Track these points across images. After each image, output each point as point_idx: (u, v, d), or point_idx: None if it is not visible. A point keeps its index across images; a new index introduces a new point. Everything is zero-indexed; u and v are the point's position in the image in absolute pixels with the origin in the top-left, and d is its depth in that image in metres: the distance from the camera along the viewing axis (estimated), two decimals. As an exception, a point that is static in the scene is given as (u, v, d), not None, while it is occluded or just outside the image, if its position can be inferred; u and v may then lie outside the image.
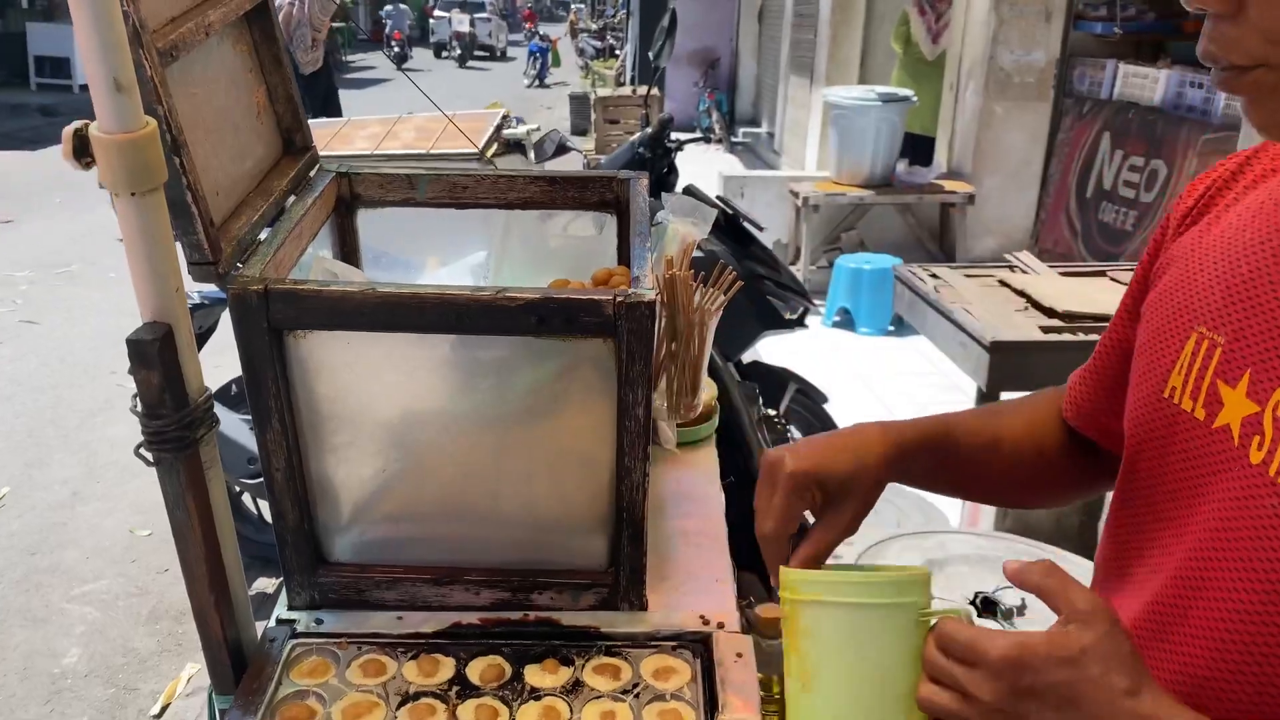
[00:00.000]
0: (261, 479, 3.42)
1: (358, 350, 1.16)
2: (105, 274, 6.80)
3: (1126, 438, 0.94)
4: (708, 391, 1.59)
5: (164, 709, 3.00)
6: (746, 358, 3.34)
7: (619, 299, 1.11)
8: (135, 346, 1.01)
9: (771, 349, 4.21)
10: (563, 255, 1.57)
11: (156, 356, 1.01)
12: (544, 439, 1.23)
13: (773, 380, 3.25)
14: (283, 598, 1.31)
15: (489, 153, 3.63)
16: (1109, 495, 1.02)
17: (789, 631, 0.87)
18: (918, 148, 6.67)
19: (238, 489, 3.47)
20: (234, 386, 3.65)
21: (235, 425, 3.34)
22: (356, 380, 1.18)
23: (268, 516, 3.45)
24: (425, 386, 1.22)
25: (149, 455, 1.07)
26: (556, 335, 1.14)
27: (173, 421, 1.04)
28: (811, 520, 1.01)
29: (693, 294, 1.31)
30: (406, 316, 1.12)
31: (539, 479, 1.25)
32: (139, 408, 1.05)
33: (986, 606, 2.11)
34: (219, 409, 1.20)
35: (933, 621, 0.82)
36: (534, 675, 1.18)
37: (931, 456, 1.04)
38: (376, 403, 1.20)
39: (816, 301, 3.90)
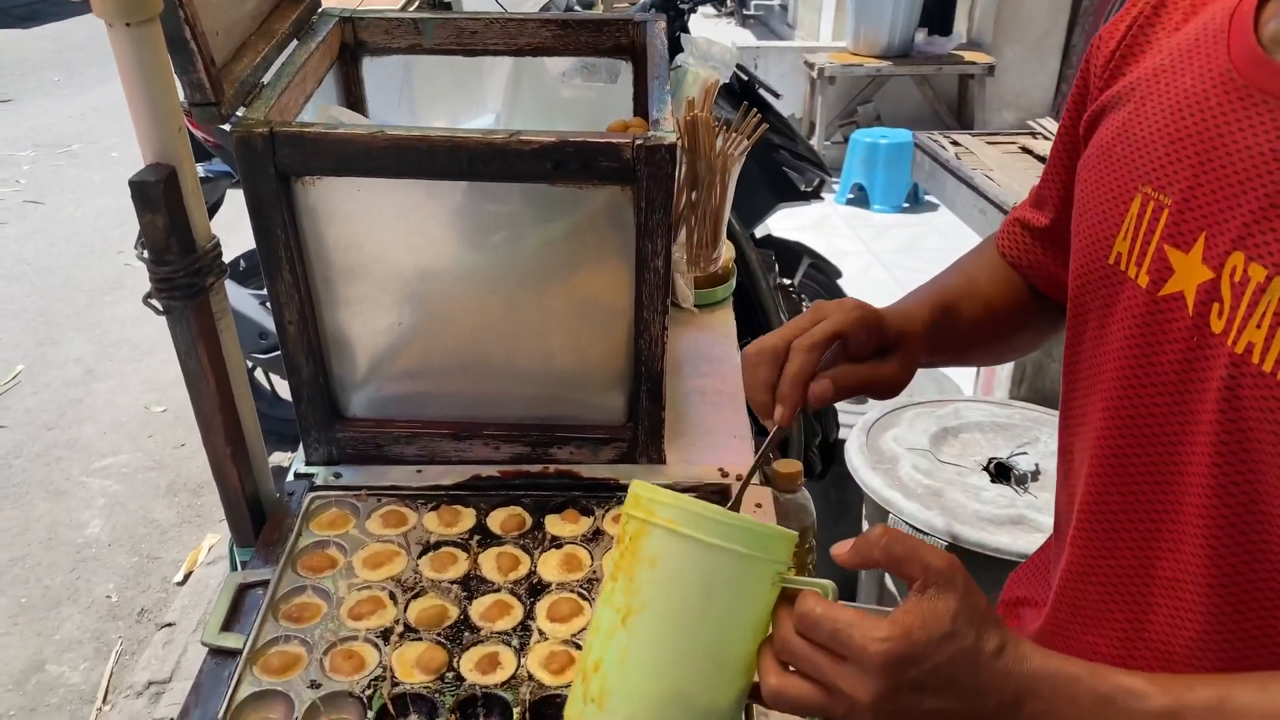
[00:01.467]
0: (275, 353, 3.40)
1: (367, 198, 1.13)
2: (107, 154, 6.70)
3: (1070, 303, 0.88)
4: (726, 252, 1.55)
5: (187, 576, 3.07)
6: (759, 232, 3.28)
7: (638, 142, 1.07)
8: (139, 188, 0.98)
9: (784, 224, 4.15)
10: (575, 109, 1.52)
11: (161, 198, 0.98)
12: (561, 293, 1.20)
13: (787, 253, 3.20)
14: (300, 453, 1.30)
15: None
16: None
17: (625, 554, 0.72)
18: (934, 11, 6.42)
19: (250, 364, 3.48)
20: (242, 262, 3.62)
21: (245, 300, 3.33)
22: (367, 230, 1.15)
23: (282, 392, 3.47)
24: (438, 238, 1.19)
25: (158, 304, 1.04)
26: (572, 182, 1.10)
27: (180, 268, 1.02)
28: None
29: (715, 138, 1.26)
30: (416, 161, 1.08)
31: (556, 333, 1.23)
32: (145, 254, 1.02)
33: (1000, 472, 2.12)
34: (228, 284, 1.18)
35: (784, 589, 0.71)
36: (554, 525, 1.19)
37: (946, 328, 0.99)
38: (388, 254, 1.17)
39: (832, 174, 3.82)
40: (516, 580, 1.11)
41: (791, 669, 0.68)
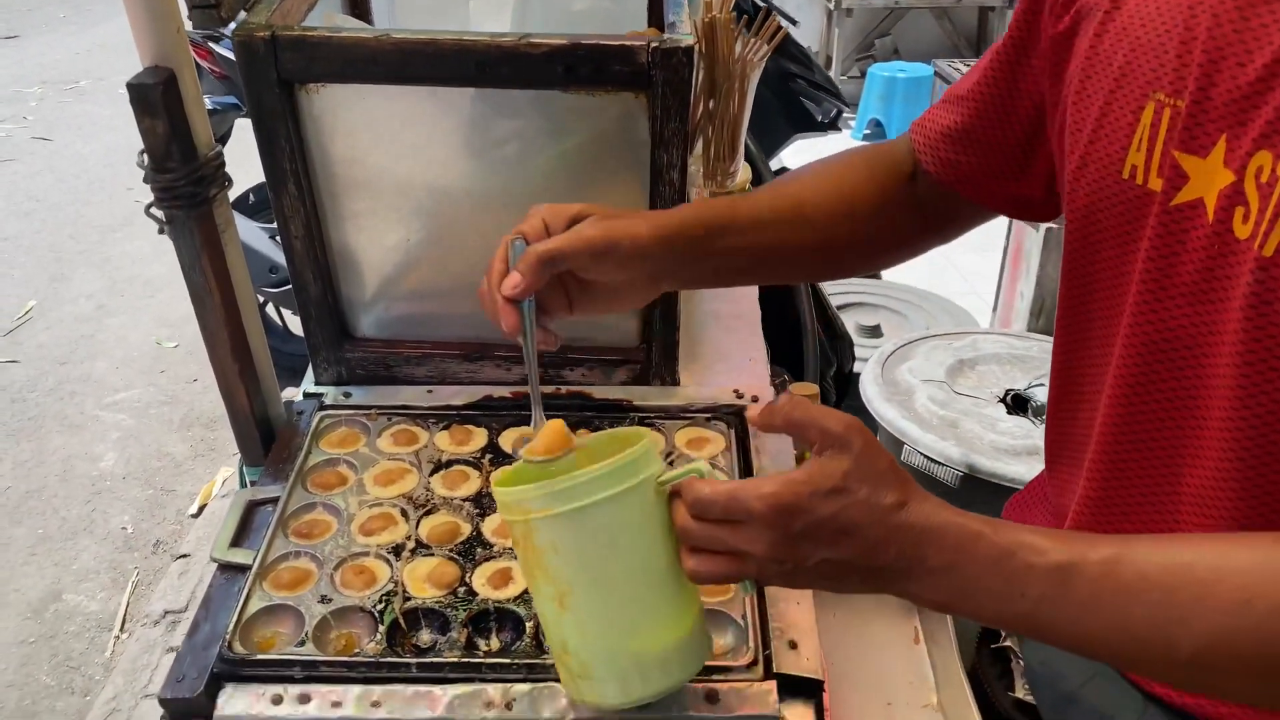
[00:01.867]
0: (286, 287, 3.37)
1: (374, 108, 1.09)
2: (114, 90, 6.62)
3: (1074, 224, 0.83)
4: (743, 173, 1.51)
5: (201, 509, 3.08)
6: (774, 165, 3.23)
7: (653, 45, 1.03)
8: (136, 91, 0.94)
9: (799, 160, 4.08)
10: (588, 21, 1.47)
11: (160, 102, 0.94)
12: (573, 203, 1.16)
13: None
14: (309, 374, 1.28)
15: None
16: None
17: (526, 553, 0.76)
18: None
19: (262, 299, 3.46)
20: (251, 196, 3.59)
21: (255, 234, 3.30)
22: (374, 142, 1.12)
23: (294, 327, 3.45)
24: (446, 151, 1.15)
25: (160, 214, 1.01)
26: (584, 88, 1.06)
27: (182, 175, 0.99)
28: None
29: (734, 43, 1.22)
30: (423, 66, 1.04)
31: (568, 250, 1.20)
32: (146, 161, 0.99)
33: (1017, 404, 2.09)
34: (237, 218, 1.15)
35: (669, 489, 0.74)
36: (566, 445, 1.17)
37: (720, 225, 0.94)
38: (396, 167, 1.14)
39: (849, 107, 3.74)
40: (529, 498, 1.09)
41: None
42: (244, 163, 1.40)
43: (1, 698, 2.47)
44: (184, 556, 2.90)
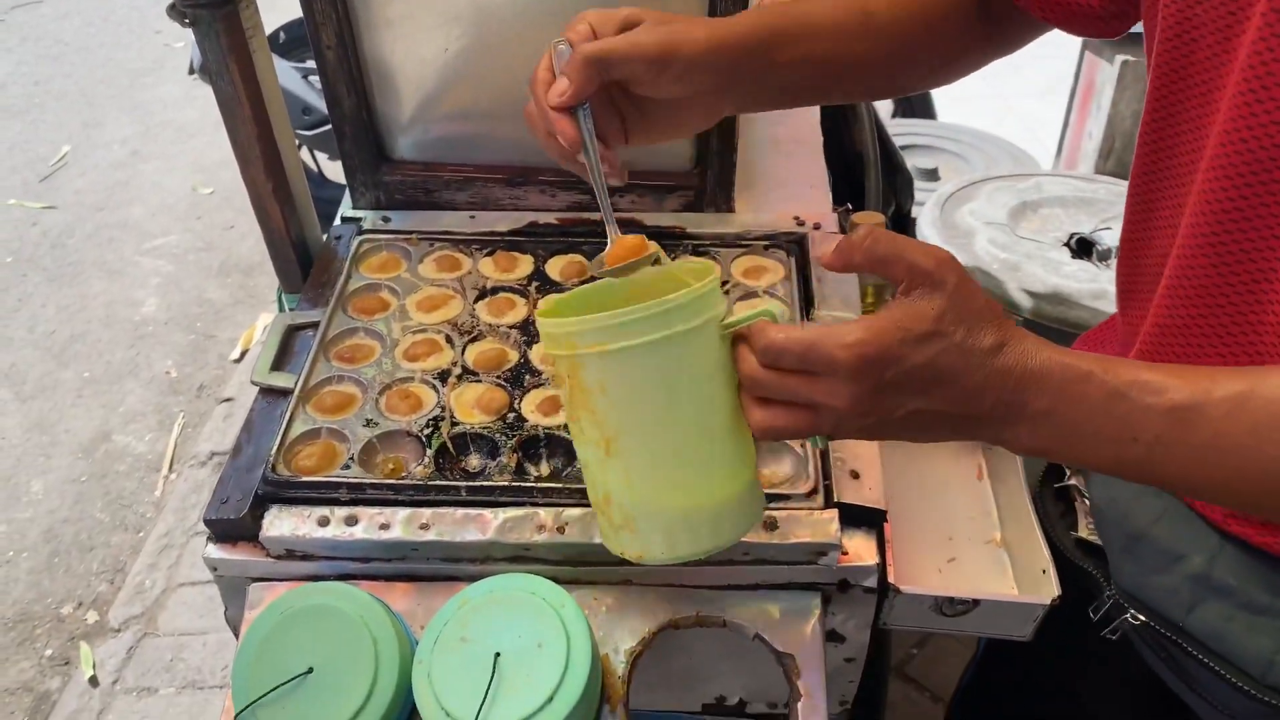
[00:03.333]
0: (321, 128, 3.26)
1: (408, -102, 1.00)
2: (138, -72, 6.41)
3: (1164, 24, 0.72)
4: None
5: (243, 354, 3.09)
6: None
7: None
8: None
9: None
10: None
11: (175, -119, 0.86)
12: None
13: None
14: (345, 199, 1.23)
15: None
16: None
17: (572, 392, 0.68)
18: None
19: (295, 141, 3.38)
20: (282, 34, 3.46)
21: (288, 73, 3.19)
22: (409, -62, 1.03)
23: (329, 173, 3.38)
24: (488, -51, 1.06)
25: (184, 12, 0.94)
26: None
27: (204, -32, 0.91)
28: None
29: None
30: None
31: (618, 64, 1.11)
32: (164, -46, 0.91)
33: (1082, 247, 1.99)
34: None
35: (734, 332, 0.66)
36: (617, 272, 1.11)
37: (782, 35, 0.84)
38: (433, -33, 1.05)
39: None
40: (578, 325, 1.04)
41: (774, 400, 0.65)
42: (276, 2, 1.31)
43: (59, 531, 2.53)
44: (228, 400, 2.94)
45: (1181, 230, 0.74)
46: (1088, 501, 0.95)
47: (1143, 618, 0.83)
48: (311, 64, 2.83)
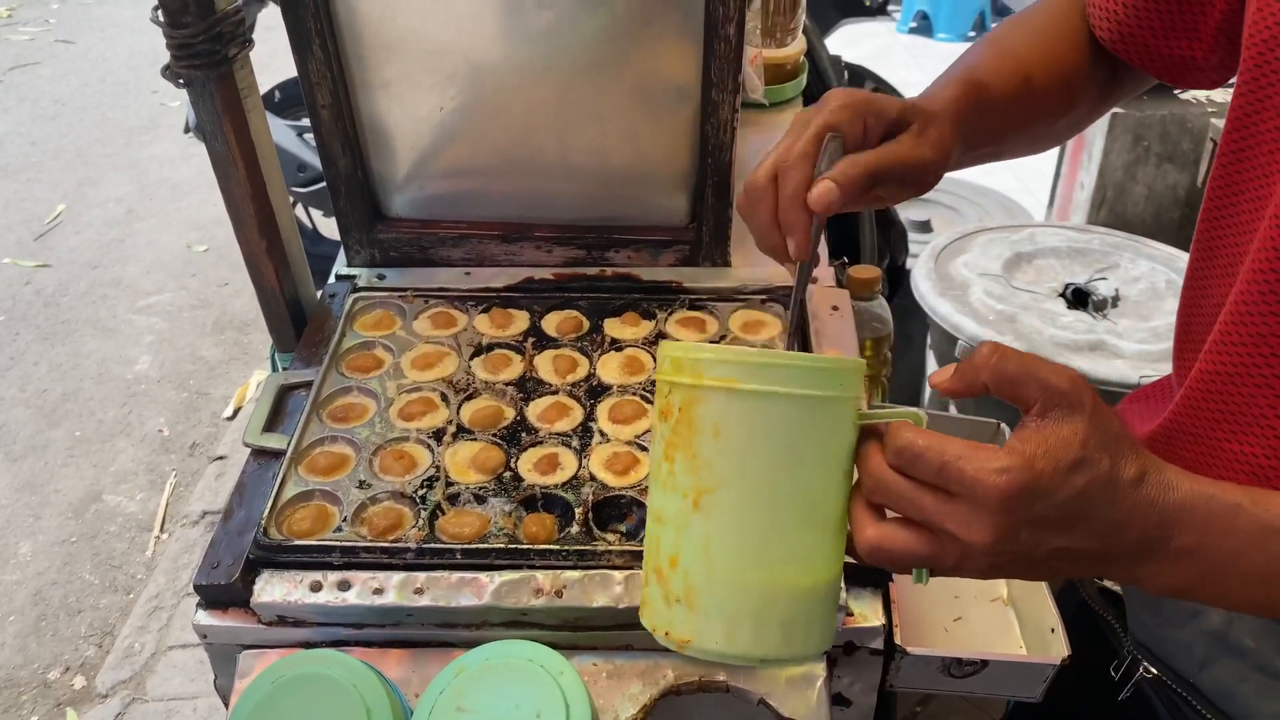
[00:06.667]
0: (316, 186, 3.27)
1: (404, -41, 1.00)
2: (136, -9, 6.51)
3: (1244, 67, 0.71)
4: (797, 44, 1.41)
5: (236, 411, 3.07)
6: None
7: (710, -119, 0.93)
8: (146, -67, 0.86)
9: (845, 54, 3.90)
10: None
11: (171, -55, 0.86)
12: (620, 72, 1.07)
13: (851, 76, 3.00)
14: (340, 257, 1.22)
15: None
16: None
17: (678, 428, 0.60)
18: None
19: (291, 199, 3.39)
20: (277, 93, 3.49)
21: (281, 130, 3.21)
22: (404, -1, 1.03)
23: (324, 230, 3.39)
24: (481, 4, 1.06)
25: (179, 74, 0.94)
26: (634, -66, 0.97)
27: (199, 31, 0.91)
28: None
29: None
30: (458, -91, 0.95)
31: (614, 122, 1.11)
32: (161, 16, 0.91)
33: (1078, 298, 2.00)
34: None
35: (864, 426, 0.60)
36: (614, 328, 1.10)
37: (978, 107, 0.83)
38: (427, 27, 1.05)
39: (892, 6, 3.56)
40: (575, 382, 1.03)
41: (890, 516, 0.58)
42: (269, 63, 1.32)
43: (47, 594, 2.49)
44: (220, 458, 2.91)
45: (1241, 275, 0.72)
46: None
47: (1155, 671, 0.81)
48: (306, 120, 2.86)
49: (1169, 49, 0.83)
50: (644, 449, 0.94)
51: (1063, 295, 2.00)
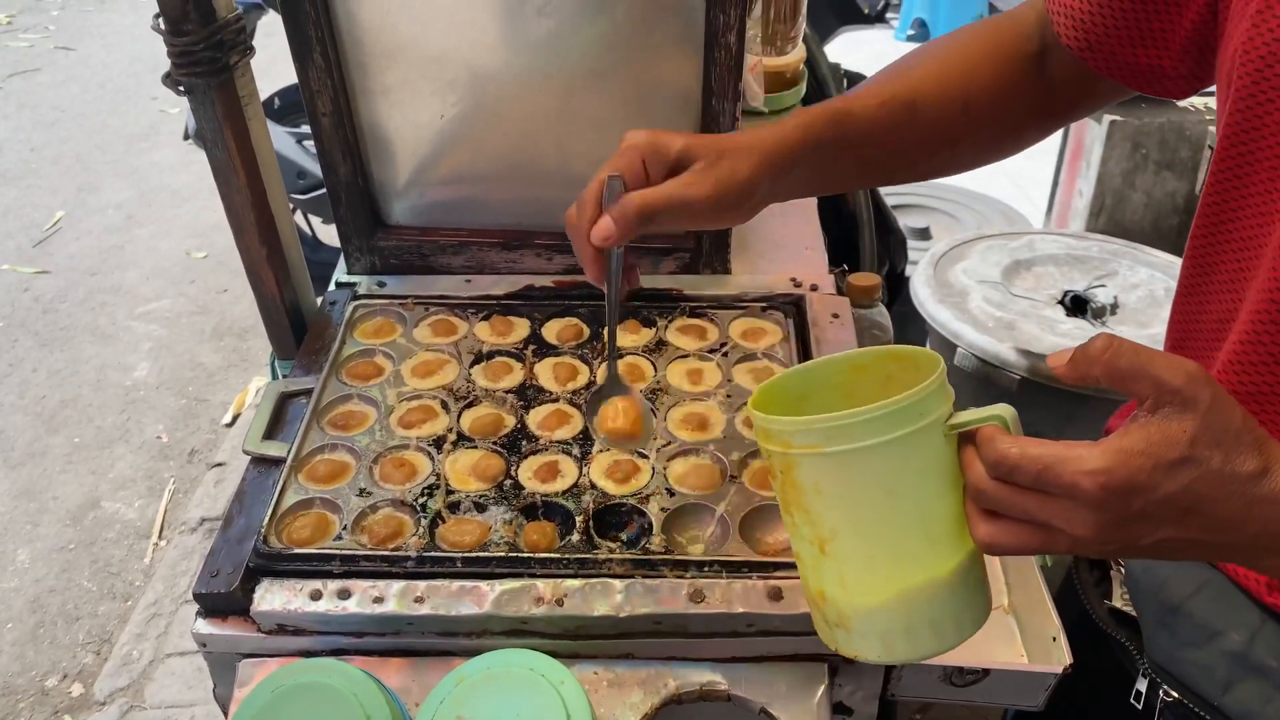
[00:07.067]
0: (315, 193, 3.27)
1: (405, -33, 1.00)
2: (137, -1, 6.52)
3: (1239, 84, 0.71)
4: (797, 52, 1.41)
5: (235, 418, 3.07)
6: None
7: (711, -111, 0.93)
8: (147, -59, 0.86)
9: (843, 61, 3.92)
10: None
11: (173, -47, 0.86)
12: (620, 77, 1.08)
13: (849, 83, 3.01)
14: (340, 264, 1.22)
15: None
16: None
17: (785, 489, 0.65)
18: None
19: (291, 206, 3.39)
20: (277, 100, 3.50)
21: (281, 138, 3.21)
22: (403, 5, 1.03)
23: (324, 236, 3.38)
24: (482, 15, 1.06)
25: (179, 82, 0.94)
26: (635, -58, 0.97)
27: (200, 39, 0.91)
28: None
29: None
30: (459, -83, 0.95)
31: (614, 127, 1.10)
32: (162, 24, 0.91)
33: (1077, 305, 1.99)
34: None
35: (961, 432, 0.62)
36: (614, 335, 1.10)
37: (837, 142, 0.83)
38: (427, 35, 1.06)
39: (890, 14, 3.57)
40: (576, 390, 1.03)
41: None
42: (270, 70, 1.32)
43: (45, 602, 2.48)
44: (219, 465, 2.91)
45: (1253, 296, 0.72)
46: (1123, 570, 0.93)
47: (1175, 694, 0.80)
48: (306, 128, 2.85)
49: (1136, 58, 0.82)
50: (644, 457, 0.94)
51: (1061, 302, 2.00)
